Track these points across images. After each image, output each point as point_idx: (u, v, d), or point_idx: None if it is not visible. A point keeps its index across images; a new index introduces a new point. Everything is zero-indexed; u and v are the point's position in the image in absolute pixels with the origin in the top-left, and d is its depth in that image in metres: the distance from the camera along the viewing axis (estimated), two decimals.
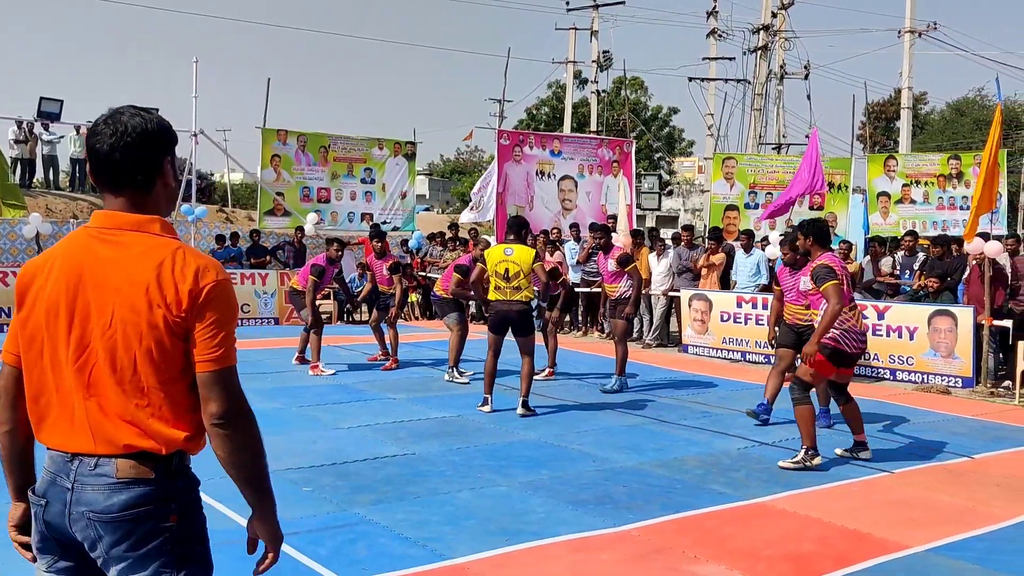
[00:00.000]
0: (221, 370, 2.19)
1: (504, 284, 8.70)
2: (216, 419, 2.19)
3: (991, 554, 5.01)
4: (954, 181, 18.52)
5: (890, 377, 11.25)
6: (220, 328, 2.19)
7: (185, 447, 2.25)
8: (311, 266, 11.18)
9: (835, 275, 6.73)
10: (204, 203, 22.48)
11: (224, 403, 2.19)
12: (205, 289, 2.17)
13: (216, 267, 2.23)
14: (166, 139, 2.28)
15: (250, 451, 2.25)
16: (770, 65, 32.26)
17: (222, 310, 2.20)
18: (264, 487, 2.31)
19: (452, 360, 10.43)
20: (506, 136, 19.47)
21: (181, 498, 2.25)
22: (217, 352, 2.18)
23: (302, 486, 6.03)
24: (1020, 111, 47.44)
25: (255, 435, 2.26)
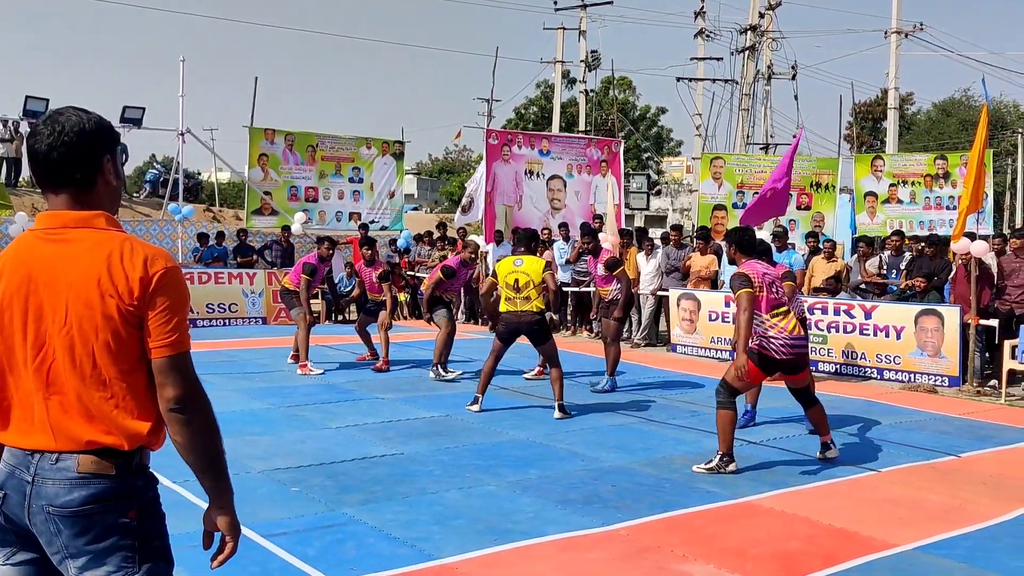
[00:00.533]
0: (175, 355, 2.22)
1: (514, 295, 8.68)
2: (173, 404, 2.21)
3: (977, 552, 5.04)
4: (941, 181, 18.61)
5: (877, 376, 11.30)
6: (172, 314, 2.22)
7: (147, 442, 2.26)
8: (303, 264, 11.15)
9: (749, 283, 6.57)
10: (191, 202, 22.40)
11: (180, 388, 2.21)
12: (155, 276, 2.20)
13: (164, 255, 2.26)
14: (105, 137, 2.30)
15: (207, 436, 2.26)
16: (757, 65, 32.37)
17: (173, 297, 2.23)
18: (223, 473, 2.32)
19: (437, 357, 10.40)
20: (495, 135, 19.46)
21: (140, 495, 2.26)
22: (171, 338, 2.21)
23: (290, 486, 6.02)
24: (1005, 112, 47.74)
25: (211, 420, 2.28)
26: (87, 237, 2.22)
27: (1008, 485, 6.51)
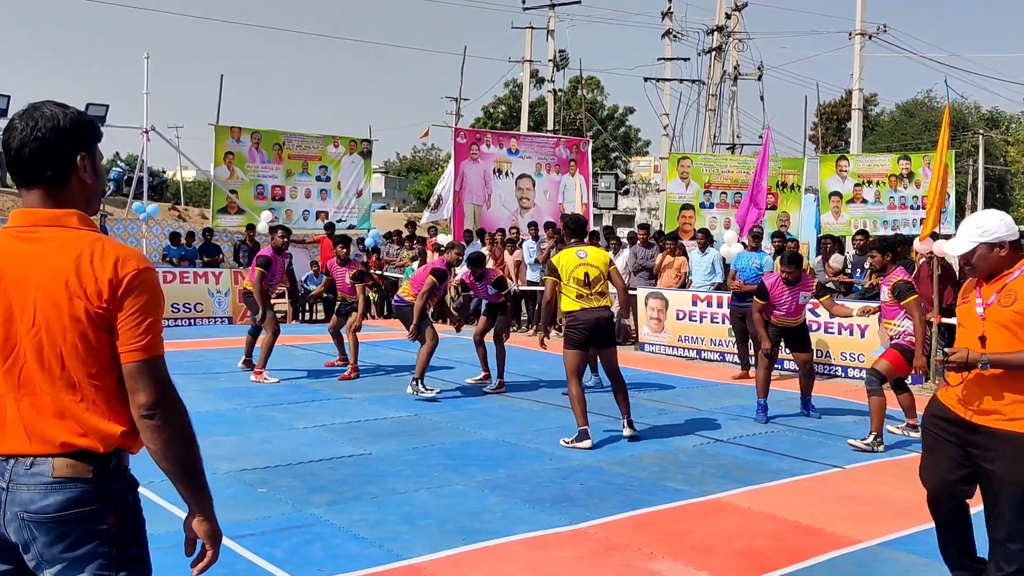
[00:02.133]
0: (148, 360, 2.15)
1: (587, 291, 7.49)
2: (145, 410, 2.14)
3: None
4: (905, 181, 18.87)
5: (842, 374, 11.42)
6: (144, 317, 2.15)
7: (123, 444, 2.20)
8: (257, 257, 10.59)
9: (914, 290, 7.72)
10: (156, 201, 22.17)
11: (152, 393, 2.14)
12: (126, 278, 2.13)
13: (137, 256, 2.19)
14: (80, 134, 2.22)
15: (181, 443, 2.19)
16: (724, 66, 32.59)
17: (145, 299, 2.16)
18: (199, 480, 2.26)
19: (419, 371, 9.36)
20: (463, 134, 19.45)
21: (119, 499, 2.20)
22: (142, 341, 2.14)
23: (257, 487, 5.97)
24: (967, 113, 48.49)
25: (186, 425, 2.21)
26: (58, 236, 2.15)
27: None
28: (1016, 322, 3.75)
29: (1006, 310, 3.77)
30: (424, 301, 9.37)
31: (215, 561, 2.32)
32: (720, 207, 19.44)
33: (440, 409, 8.77)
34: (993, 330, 3.81)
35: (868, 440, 7.46)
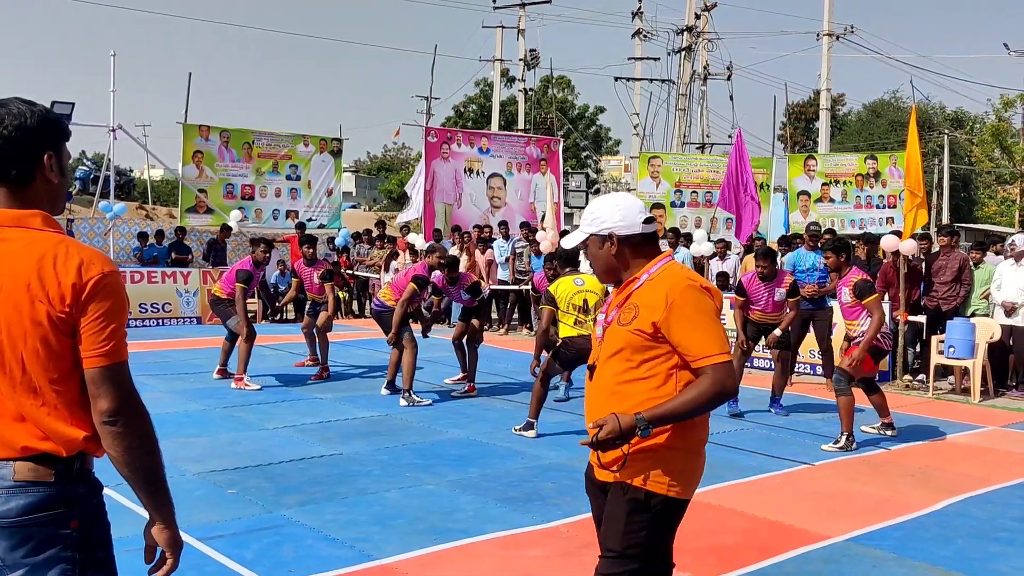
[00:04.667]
0: (110, 365, 2.11)
1: (585, 317, 7.75)
2: (106, 416, 2.10)
3: (907, 542, 5.17)
4: (871, 180, 19.08)
5: (810, 372, 11.52)
6: (107, 322, 2.11)
7: (86, 448, 2.15)
8: (236, 271, 10.10)
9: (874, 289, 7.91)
10: (123, 200, 21.91)
11: (113, 400, 2.10)
12: (89, 283, 2.08)
13: (102, 259, 2.14)
14: (47, 132, 2.17)
15: (143, 450, 2.15)
16: (694, 66, 32.76)
17: (108, 304, 2.11)
18: (161, 488, 2.22)
19: (407, 382, 9.03)
20: (433, 133, 19.42)
21: (83, 503, 2.16)
22: (105, 347, 2.10)
23: (227, 488, 5.92)
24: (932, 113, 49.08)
25: (148, 432, 2.17)
26: (20, 237, 2.10)
27: (936, 477, 6.70)
28: (633, 346, 2.84)
29: (622, 329, 2.87)
30: (405, 308, 9.16)
31: (174, 569, 2.28)
32: (691, 206, 19.55)
33: (411, 409, 8.75)
34: (605, 358, 2.94)
35: (841, 443, 7.50)
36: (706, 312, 2.80)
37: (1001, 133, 35.07)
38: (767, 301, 8.81)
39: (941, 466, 7.05)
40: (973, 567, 4.82)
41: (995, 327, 10.49)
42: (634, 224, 2.92)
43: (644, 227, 2.94)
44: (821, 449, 7.49)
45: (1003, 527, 5.53)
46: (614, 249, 2.94)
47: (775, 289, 8.79)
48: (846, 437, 7.51)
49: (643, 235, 2.95)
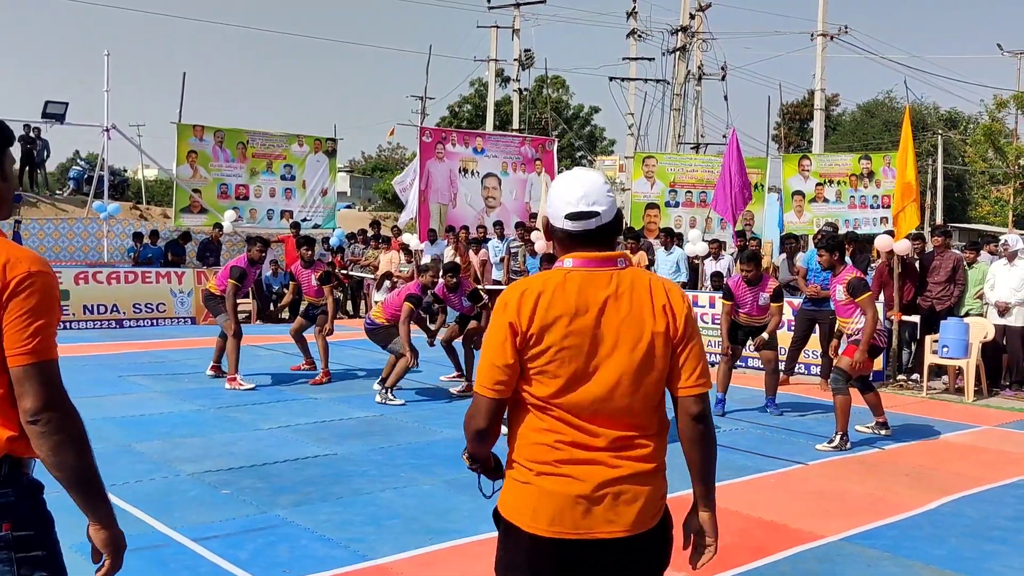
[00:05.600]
0: (36, 364, 2.07)
1: None
2: (31, 416, 2.06)
3: (901, 541, 5.19)
4: (865, 180, 19.10)
5: (804, 371, 11.54)
6: (32, 319, 2.08)
7: (11, 449, 2.12)
8: (230, 268, 9.98)
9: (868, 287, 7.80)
10: (117, 200, 21.86)
11: (38, 399, 2.06)
12: (13, 281, 2.07)
13: (31, 259, 2.12)
14: None
15: (70, 450, 2.10)
16: (688, 66, 32.82)
17: (35, 302, 2.09)
18: (92, 489, 2.17)
19: (393, 380, 9.03)
20: (428, 133, 19.40)
21: (14, 508, 2.13)
22: (29, 344, 2.07)
23: (221, 488, 5.92)
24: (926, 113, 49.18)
25: (76, 432, 2.12)
26: None
27: (929, 476, 6.71)
28: None
29: None
30: (408, 327, 9.07)
31: (116, 570, 2.25)
32: (685, 206, 19.57)
33: (406, 409, 8.74)
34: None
35: (835, 442, 7.52)
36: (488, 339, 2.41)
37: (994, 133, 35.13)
38: (752, 305, 8.85)
39: (935, 465, 7.06)
40: (967, 566, 4.83)
41: (989, 327, 10.52)
42: (556, 214, 2.42)
43: (566, 223, 2.39)
44: (816, 449, 7.50)
45: (997, 526, 5.55)
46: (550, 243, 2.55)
47: (759, 293, 8.83)
48: (840, 436, 7.53)
49: (565, 232, 2.41)
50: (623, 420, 2.35)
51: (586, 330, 2.32)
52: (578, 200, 2.38)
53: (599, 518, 2.33)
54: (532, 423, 2.38)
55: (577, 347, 2.31)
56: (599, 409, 2.33)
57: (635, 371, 2.34)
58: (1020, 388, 10.66)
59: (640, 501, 2.38)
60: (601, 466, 2.34)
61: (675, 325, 2.37)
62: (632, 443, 2.38)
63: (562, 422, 2.34)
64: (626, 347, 2.33)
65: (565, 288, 2.33)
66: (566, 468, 2.34)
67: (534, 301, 2.31)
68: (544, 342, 2.31)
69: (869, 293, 7.67)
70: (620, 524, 2.35)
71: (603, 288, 2.35)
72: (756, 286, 8.83)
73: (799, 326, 10.80)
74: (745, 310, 8.91)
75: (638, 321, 2.35)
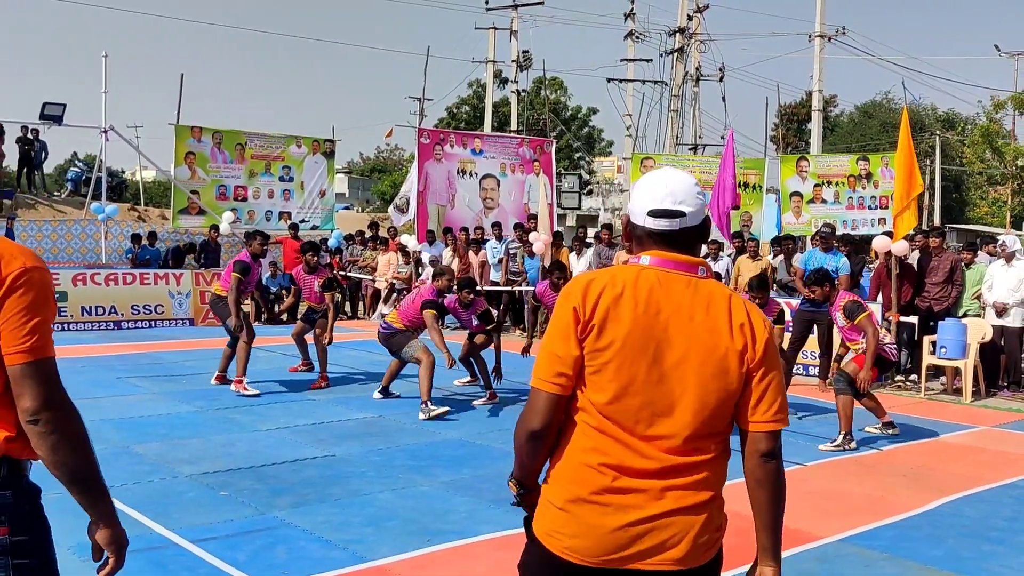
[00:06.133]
0: (34, 362, 2.04)
1: None
2: (30, 415, 2.03)
3: (899, 542, 5.19)
4: (863, 181, 19.10)
5: (802, 372, 11.54)
6: (29, 317, 2.04)
7: (9, 450, 2.09)
8: (234, 263, 9.71)
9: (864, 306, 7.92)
10: (115, 201, 21.86)
11: (37, 397, 2.03)
12: (9, 277, 2.03)
13: (25, 254, 2.09)
14: None
15: (70, 448, 2.08)
16: (686, 67, 32.84)
17: (31, 298, 2.05)
18: (93, 487, 2.14)
19: (425, 394, 8.53)
20: (426, 135, 19.40)
21: (12, 510, 2.10)
22: (27, 342, 2.03)
23: (220, 490, 5.91)
24: (924, 114, 49.22)
25: (76, 431, 2.10)
26: None
27: (927, 477, 6.72)
28: None
29: None
30: (440, 332, 8.87)
31: (118, 568, 2.23)
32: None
33: (405, 410, 8.74)
34: None
35: (838, 441, 7.54)
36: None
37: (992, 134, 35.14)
38: None
39: (933, 466, 7.07)
40: (965, 566, 4.84)
41: (986, 327, 10.53)
42: (639, 211, 2.27)
43: (648, 220, 2.24)
44: (819, 449, 7.51)
45: (995, 526, 5.56)
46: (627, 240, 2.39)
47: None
48: (843, 436, 7.54)
49: (646, 230, 2.25)
50: (681, 441, 2.13)
51: (653, 332, 2.12)
52: (663, 197, 2.21)
53: (644, 548, 2.12)
54: (578, 440, 2.18)
55: (641, 349, 2.11)
56: (656, 425, 2.12)
57: (703, 387, 2.12)
58: (1018, 388, 10.68)
59: (692, 532, 2.15)
60: (649, 496, 2.12)
61: (754, 349, 2.15)
62: (688, 469, 2.16)
63: (611, 438, 2.13)
64: (696, 359, 2.12)
65: (637, 284, 2.15)
66: (609, 497, 2.13)
67: (600, 290, 2.15)
68: (606, 336, 2.12)
69: (866, 313, 7.71)
70: (669, 557, 2.13)
71: (679, 292, 2.16)
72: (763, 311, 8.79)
73: (797, 327, 10.79)
74: None
75: (713, 334, 2.14)
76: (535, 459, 2.25)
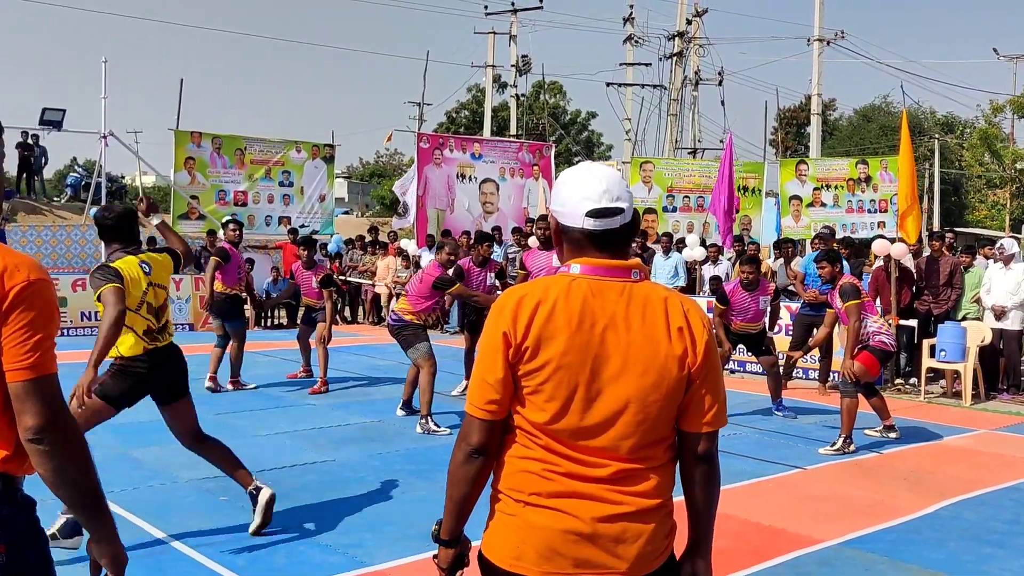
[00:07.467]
0: (36, 379, 1.98)
1: None
2: (32, 434, 1.97)
3: (899, 545, 5.19)
4: (862, 185, 19.14)
5: (802, 376, 11.54)
6: (31, 333, 1.97)
7: (7, 468, 2.04)
8: (217, 250, 10.23)
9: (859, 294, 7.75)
10: None
11: (40, 416, 1.97)
12: (13, 291, 1.96)
13: (30, 266, 2.02)
14: None
15: (74, 467, 2.03)
16: (685, 71, 32.91)
17: (34, 313, 1.98)
18: (96, 508, 2.10)
19: (426, 407, 8.16)
20: (426, 139, 19.44)
21: (9, 527, 2.04)
22: (29, 359, 1.97)
23: (219, 495, 5.91)
24: (923, 118, 49.25)
25: (79, 450, 2.05)
26: None
27: (927, 480, 6.72)
28: None
29: None
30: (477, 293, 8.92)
31: None
32: (683, 211, 19.60)
33: (404, 415, 8.71)
34: None
35: (838, 444, 7.53)
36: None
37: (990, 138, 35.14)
38: (753, 311, 8.83)
39: (933, 469, 7.07)
40: (966, 569, 4.83)
41: (986, 330, 10.53)
42: (574, 213, 2.14)
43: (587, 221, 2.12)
44: (818, 452, 7.50)
45: (995, 529, 5.55)
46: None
47: (759, 297, 8.83)
48: (843, 439, 7.53)
49: (585, 232, 2.13)
50: (626, 451, 2.07)
51: (590, 347, 2.05)
52: (600, 195, 2.09)
53: (595, 557, 2.05)
54: (520, 450, 2.12)
55: (578, 365, 2.04)
56: (599, 438, 2.06)
57: (644, 398, 2.06)
58: (1017, 391, 10.68)
59: (642, 540, 2.08)
60: (598, 501, 2.06)
61: (694, 352, 2.08)
62: (635, 476, 2.09)
63: (554, 452, 2.08)
64: (635, 370, 2.06)
65: (569, 297, 2.06)
66: (558, 501, 2.06)
67: (532, 309, 2.06)
68: (540, 357, 2.05)
69: (856, 301, 7.63)
70: (619, 565, 2.07)
71: (613, 301, 2.08)
72: (755, 291, 8.81)
73: (797, 331, 10.79)
74: (742, 318, 8.89)
75: (651, 342, 2.07)
76: (471, 486, 2.16)
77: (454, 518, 2.23)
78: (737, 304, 8.86)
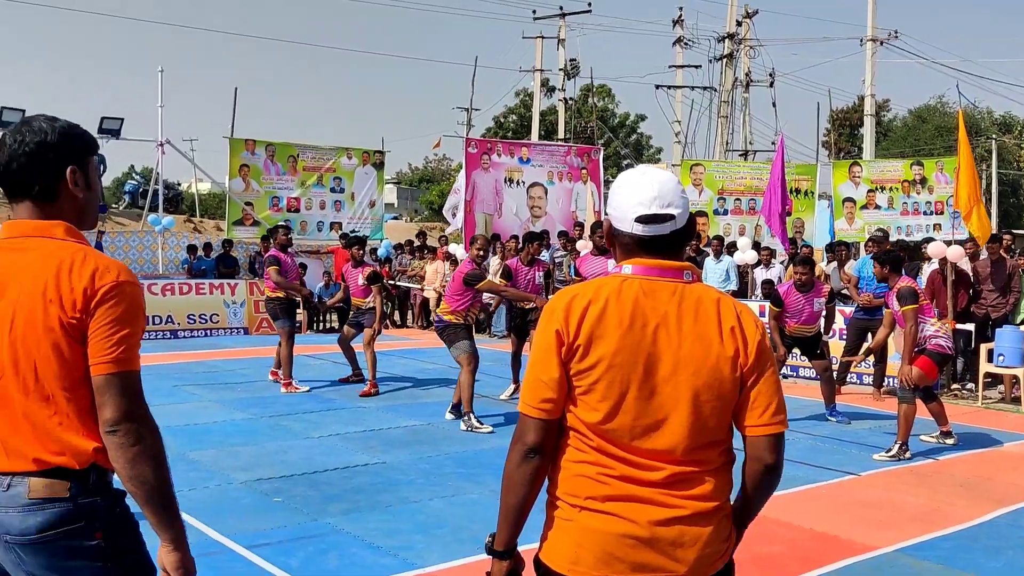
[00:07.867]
0: (117, 373, 2.07)
1: None
2: (110, 426, 2.06)
3: (955, 553, 5.10)
4: (918, 187, 18.78)
5: (856, 380, 11.38)
6: (117, 328, 2.07)
7: (98, 459, 2.12)
8: (266, 258, 10.64)
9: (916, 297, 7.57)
10: (171, 213, 22.32)
11: (118, 408, 2.06)
12: (102, 289, 2.07)
13: (119, 268, 2.12)
14: (68, 148, 2.18)
15: (148, 464, 2.08)
16: (736, 73, 32.60)
17: (120, 310, 2.08)
18: (168, 507, 2.15)
19: (467, 404, 8.34)
20: (474, 144, 19.51)
21: (104, 514, 2.13)
22: (112, 354, 2.06)
23: (273, 496, 6.01)
24: (980, 118, 48.22)
25: (155, 447, 2.11)
26: (42, 247, 2.12)
27: (984, 487, 6.59)
28: None
29: None
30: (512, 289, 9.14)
31: None
32: (734, 214, 19.43)
33: (453, 419, 8.77)
34: None
35: (893, 451, 7.41)
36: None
37: None
38: (807, 312, 8.75)
39: (990, 476, 6.93)
40: None
41: None
42: (624, 217, 2.15)
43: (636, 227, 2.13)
44: (873, 458, 7.40)
45: None
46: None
47: (814, 299, 8.74)
48: (899, 446, 7.40)
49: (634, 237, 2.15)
50: (680, 453, 2.06)
51: (641, 347, 2.04)
52: (651, 201, 2.10)
53: (653, 561, 2.04)
54: (574, 454, 2.12)
55: (630, 365, 2.04)
56: (652, 440, 2.05)
57: (697, 398, 2.05)
58: None
59: (700, 542, 2.07)
60: (654, 505, 2.05)
61: (746, 352, 2.07)
62: (691, 479, 2.08)
63: (608, 455, 2.07)
64: (688, 370, 2.05)
65: (620, 297, 2.07)
66: (613, 505, 2.05)
67: (584, 308, 2.07)
68: (592, 356, 2.05)
69: (913, 305, 7.49)
70: (678, 568, 2.05)
71: (665, 301, 2.08)
72: (809, 292, 8.72)
73: (851, 335, 10.66)
74: (797, 320, 8.81)
75: (703, 342, 2.06)
76: (528, 487, 2.15)
77: (509, 526, 2.22)
78: (791, 306, 8.78)
